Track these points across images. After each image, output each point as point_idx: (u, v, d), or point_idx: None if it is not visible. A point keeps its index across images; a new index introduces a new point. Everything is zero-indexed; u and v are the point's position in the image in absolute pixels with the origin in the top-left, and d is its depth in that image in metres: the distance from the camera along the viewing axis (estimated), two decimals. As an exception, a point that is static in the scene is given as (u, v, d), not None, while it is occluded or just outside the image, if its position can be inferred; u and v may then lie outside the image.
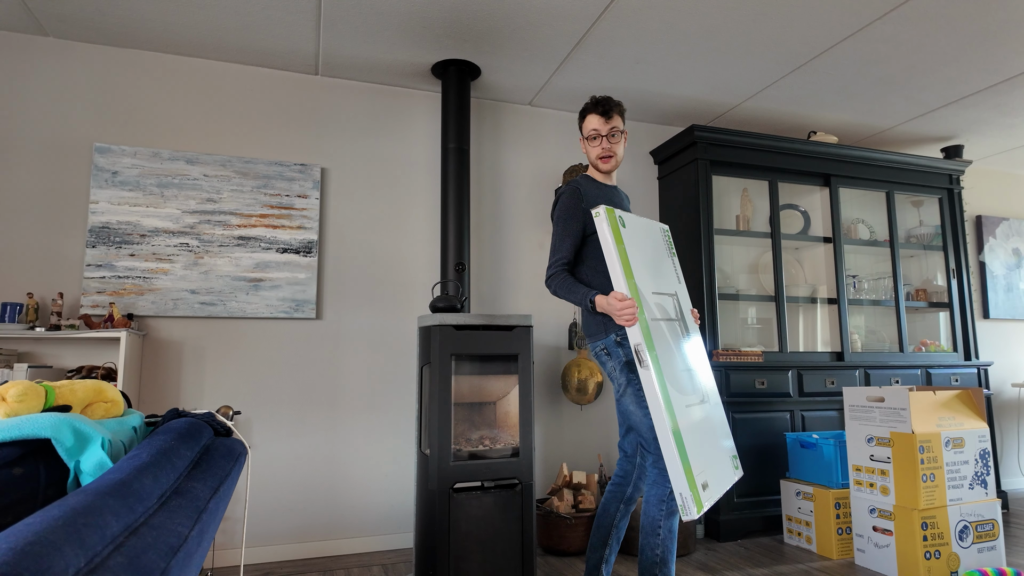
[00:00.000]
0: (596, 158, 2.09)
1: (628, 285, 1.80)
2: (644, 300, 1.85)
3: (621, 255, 1.83)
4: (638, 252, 1.94)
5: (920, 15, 2.59)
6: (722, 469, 1.89)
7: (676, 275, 2.16)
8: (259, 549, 2.76)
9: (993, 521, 2.59)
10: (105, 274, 2.68)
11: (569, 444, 3.31)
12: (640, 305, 1.80)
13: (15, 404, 1.04)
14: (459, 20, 2.61)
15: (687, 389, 1.88)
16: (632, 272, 1.85)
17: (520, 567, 2.37)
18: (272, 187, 2.94)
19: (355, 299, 3.05)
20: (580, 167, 3.36)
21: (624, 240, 1.88)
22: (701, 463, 1.77)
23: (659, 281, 2.00)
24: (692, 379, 1.94)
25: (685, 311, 2.10)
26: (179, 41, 2.78)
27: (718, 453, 1.91)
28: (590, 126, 2.08)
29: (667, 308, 1.98)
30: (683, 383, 1.87)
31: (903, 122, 3.72)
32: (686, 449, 1.72)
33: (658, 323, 1.88)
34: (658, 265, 2.04)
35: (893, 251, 3.66)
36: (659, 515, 1.85)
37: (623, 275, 1.81)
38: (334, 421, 2.95)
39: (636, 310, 1.76)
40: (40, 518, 0.66)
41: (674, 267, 2.16)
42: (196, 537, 0.90)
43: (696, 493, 1.67)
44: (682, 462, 1.68)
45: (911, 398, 2.55)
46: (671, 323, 1.96)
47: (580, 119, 2.14)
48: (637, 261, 1.91)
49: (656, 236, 2.12)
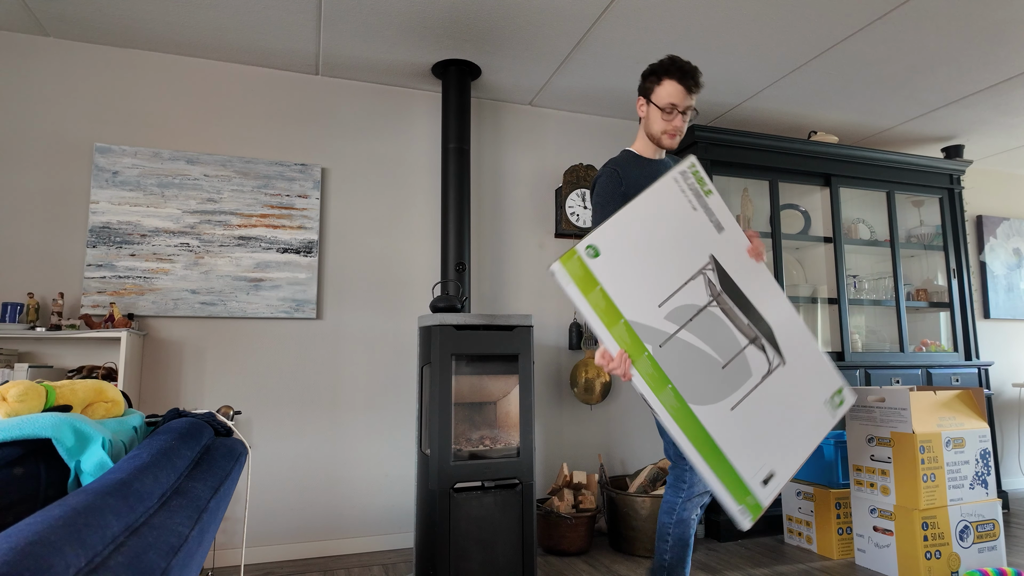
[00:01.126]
0: (661, 132, 1.83)
1: (613, 336, 1.61)
2: (647, 330, 1.66)
3: (595, 306, 1.62)
4: (631, 265, 1.70)
5: (920, 15, 2.58)
6: (801, 434, 1.73)
7: (711, 226, 1.81)
8: (259, 549, 2.76)
9: (994, 521, 2.59)
10: (106, 274, 2.68)
11: (569, 444, 3.31)
12: (638, 346, 1.61)
13: (16, 404, 1.04)
14: (459, 20, 2.61)
15: (734, 384, 1.70)
16: (618, 313, 1.64)
17: (520, 567, 2.37)
18: (272, 187, 2.94)
19: (355, 299, 3.05)
20: (581, 167, 3.36)
21: (599, 279, 1.65)
22: (763, 454, 1.65)
23: (675, 271, 1.74)
24: (745, 362, 1.73)
25: (732, 265, 1.80)
26: (180, 41, 2.78)
27: (797, 418, 1.74)
28: (668, 96, 1.79)
29: (694, 296, 1.73)
30: (725, 383, 1.69)
31: (904, 122, 3.72)
32: (728, 460, 1.61)
33: (674, 341, 1.68)
34: (673, 248, 1.76)
35: (894, 251, 3.66)
36: (668, 522, 1.79)
37: (603, 328, 1.61)
38: (335, 421, 2.95)
39: (627, 366, 1.56)
40: (41, 518, 0.66)
41: (708, 217, 1.82)
42: (197, 537, 0.90)
43: (747, 502, 1.59)
44: (724, 481, 1.58)
45: (912, 398, 2.54)
46: (704, 312, 1.73)
47: (653, 79, 1.83)
48: (628, 283, 1.68)
49: (670, 205, 1.79)
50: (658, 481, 2.96)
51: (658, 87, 1.82)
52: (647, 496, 2.79)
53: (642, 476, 2.96)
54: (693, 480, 1.75)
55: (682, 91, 1.79)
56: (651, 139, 1.89)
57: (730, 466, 1.63)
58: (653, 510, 2.78)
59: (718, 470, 1.61)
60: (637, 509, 2.80)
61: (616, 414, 3.42)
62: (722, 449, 1.64)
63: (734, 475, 1.62)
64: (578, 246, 1.65)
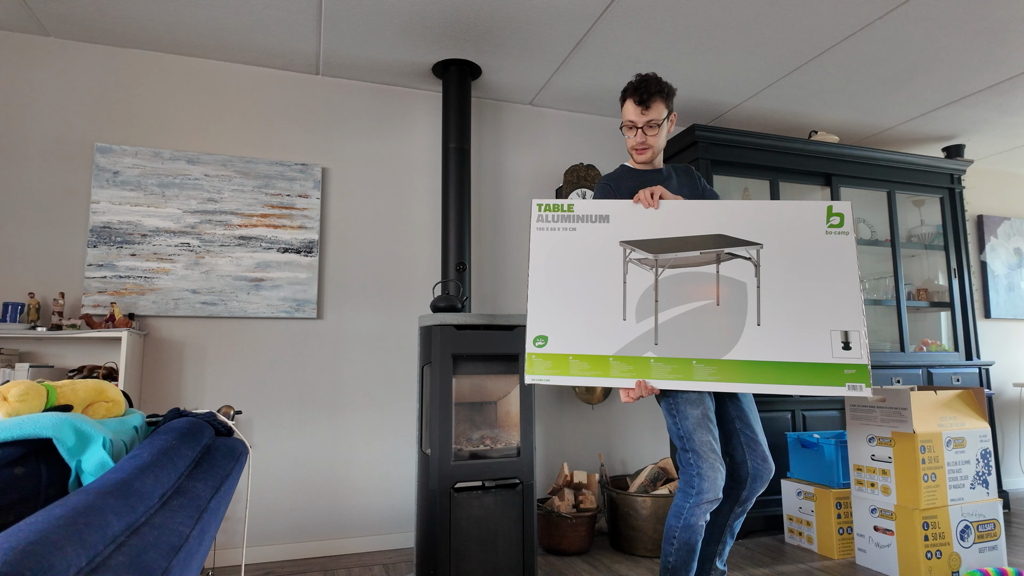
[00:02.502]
0: (630, 148, 1.96)
1: (615, 377, 1.66)
2: (633, 346, 1.68)
3: (583, 372, 1.68)
4: (577, 320, 1.71)
5: (921, 14, 2.58)
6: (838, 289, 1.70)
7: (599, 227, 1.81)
8: (260, 548, 2.76)
9: (994, 521, 2.59)
10: (106, 274, 2.68)
11: (570, 444, 3.31)
12: (641, 362, 1.65)
13: (17, 404, 1.04)
14: (460, 20, 2.61)
15: (741, 307, 1.71)
16: (601, 358, 1.67)
17: (521, 566, 2.37)
18: (273, 187, 2.95)
19: (356, 299, 3.05)
20: (582, 167, 3.36)
21: (564, 352, 1.69)
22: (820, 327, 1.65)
23: (609, 286, 1.76)
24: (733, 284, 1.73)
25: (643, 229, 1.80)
26: (180, 41, 2.78)
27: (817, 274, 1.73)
28: (625, 114, 1.93)
29: (639, 283, 1.75)
30: (733, 314, 1.69)
31: (904, 121, 3.72)
32: (794, 358, 1.64)
33: (661, 330, 1.71)
34: (591, 273, 1.79)
35: (894, 251, 3.66)
36: (676, 525, 1.78)
37: (604, 378, 1.66)
38: (335, 420, 2.95)
39: (648, 386, 1.66)
40: (42, 517, 0.66)
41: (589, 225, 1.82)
42: (197, 536, 0.90)
43: (849, 376, 1.62)
44: (813, 382, 1.62)
45: (912, 398, 2.54)
46: (663, 286, 1.74)
47: (620, 101, 1.96)
48: (586, 331, 1.69)
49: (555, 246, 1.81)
50: (659, 481, 2.96)
51: (622, 107, 1.95)
52: (648, 496, 2.79)
53: (643, 476, 2.96)
54: (702, 486, 1.72)
55: (636, 108, 1.89)
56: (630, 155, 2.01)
57: (803, 366, 1.60)
58: (654, 510, 2.78)
59: (799, 379, 1.58)
60: (638, 509, 2.80)
61: (617, 414, 3.42)
62: (782, 361, 1.61)
63: (814, 369, 1.59)
64: (528, 348, 1.71)
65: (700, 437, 1.74)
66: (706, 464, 1.72)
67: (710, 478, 1.71)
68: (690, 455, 1.75)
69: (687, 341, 1.68)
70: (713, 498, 1.72)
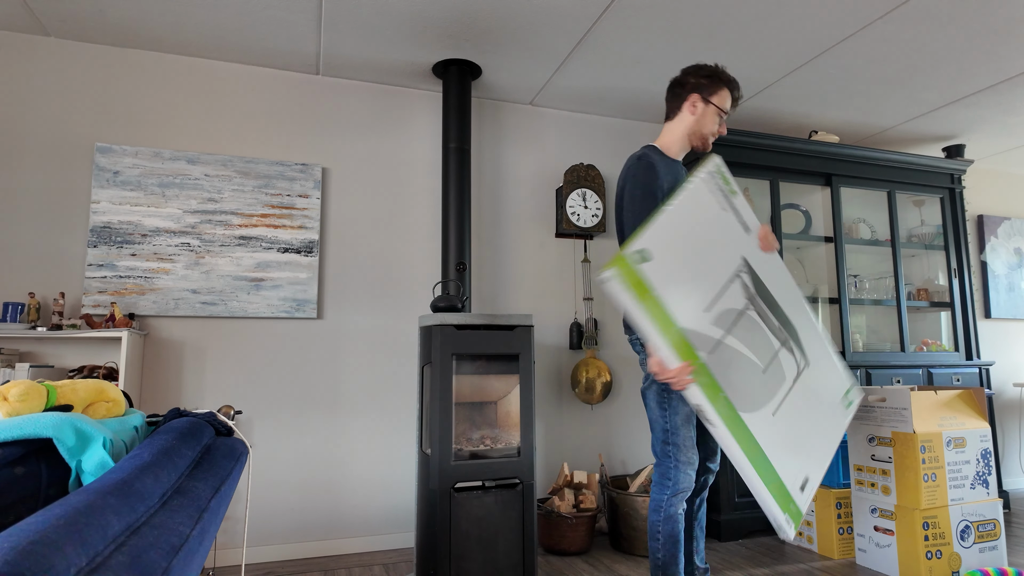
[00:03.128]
0: (710, 133, 1.94)
1: (671, 343, 1.53)
2: (698, 337, 1.59)
3: (652, 312, 1.53)
4: (679, 269, 1.61)
5: (921, 14, 2.58)
6: (825, 436, 1.74)
7: (740, 227, 1.78)
8: (260, 548, 2.76)
9: (994, 521, 2.59)
10: (106, 274, 2.68)
11: (570, 444, 3.31)
12: (691, 354, 1.55)
13: (17, 404, 1.04)
14: (460, 20, 2.61)
15: (773, 389, 1.67)
16: (671, 320, 1.54)
17: (521, 566, 2.37)
18: (273, 187, 2.95)
19: (356, 299, 3.05)
20: (582, 167, 3.36)
21: (651, 285, 1.55)
22: (799, 460, 1.63)
23: (715, 275, 1.68)
24: (779, 366, 1.71)
25: (761, 268, 1.77)
26: (180, 41, 2.78)
27: (821, 421, 1.74)
28: (723, 102, 1.92)
29: (733, 300, 1.69)
30: (766, 388, 1.65)
31: (904, 121, 3.72)
32: (775, 468, 1.58)
33: (722, 348, 1.62)
34: (711, 250, 1.70)
35: (894, 250, 3.66)
36: (657, 519, 1.83)
37: (660, 335, 1.52)
38: (335, 420, 2.95)
39: (686, 373, 1.54)
40: (42, 517, 0.66)
41: (737, 219, 1.78)
42: (197, 536, 0.90)
43: (791, 509, 1.57)
44: (771, 490, 1.55)
45: (912, 398, 2.54)
46: (742, 316, 1.69)
47: (716, 82, 1.91)
48: (678, 288, 1.59)
49: (704, 207, 1.71)
50: (659, 481, 2.96)
51: (720, 91, 1.92)
52: (648, 496, 2.79)
53: (643, 476, 2.96)
54: (678, 477, 1.82)
55: (732, 102, 1.96)
56: (694, 137, 1.96)
57: (776, 474, 1.59)
58: (654, 510, 2.78)
59: (767, 479, 1.56)
60: (638, 509, 2.80)
61: (617, 414, 3.42)
62: (769, 457, 1.59)
63: (780, 483, 1.58)
64: (625, 251, 1.54)
65: (685, 432, 1.83)
66: (684, 458, 1.82)
67: (686, 471, 1.82)
68: (671, 448, 1.83)
69: (728, 377, 1.63)
70: (687, 488, 1.82)
